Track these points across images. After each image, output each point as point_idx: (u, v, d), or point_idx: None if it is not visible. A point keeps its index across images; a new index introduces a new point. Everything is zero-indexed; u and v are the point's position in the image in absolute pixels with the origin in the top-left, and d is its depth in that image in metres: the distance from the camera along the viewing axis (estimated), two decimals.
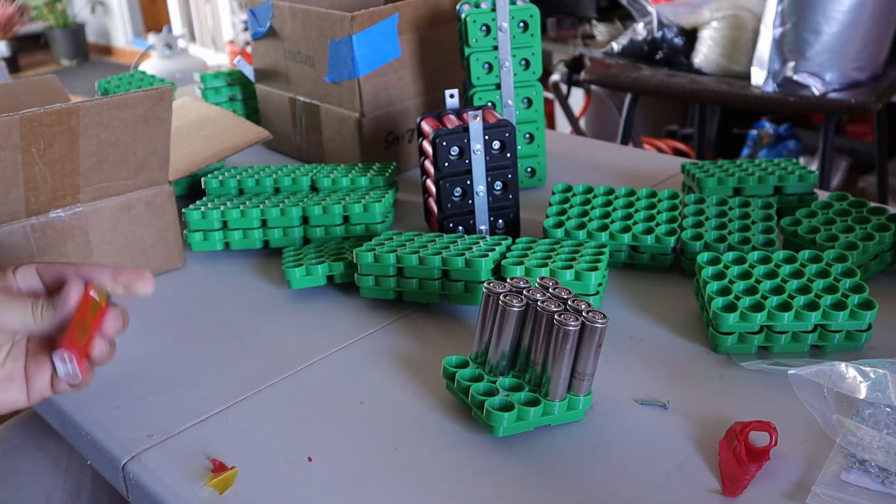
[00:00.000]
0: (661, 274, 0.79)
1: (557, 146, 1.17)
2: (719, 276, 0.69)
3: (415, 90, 1.08)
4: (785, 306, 0.65)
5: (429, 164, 0.86)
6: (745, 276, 0.69)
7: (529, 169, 1.01)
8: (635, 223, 0.81)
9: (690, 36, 2.12)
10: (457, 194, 0.83)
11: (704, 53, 2.05)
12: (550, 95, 2.78)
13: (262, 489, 0.55)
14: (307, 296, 0.79)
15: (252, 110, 1.25)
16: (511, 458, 0.56)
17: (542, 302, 0.57)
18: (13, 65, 5.77)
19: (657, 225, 0.80)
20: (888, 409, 0.56)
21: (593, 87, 2.58)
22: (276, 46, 1.13)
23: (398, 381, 0.65)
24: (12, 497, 0.81)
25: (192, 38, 5.81)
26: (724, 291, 0.67)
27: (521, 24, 0.94)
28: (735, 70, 2.01)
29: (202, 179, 0.95)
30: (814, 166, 2.26)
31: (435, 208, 0.85)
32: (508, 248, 0.77)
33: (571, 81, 2.64)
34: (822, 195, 0.86)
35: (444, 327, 0.73)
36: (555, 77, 2.70)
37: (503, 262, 0.73)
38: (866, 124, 2.76)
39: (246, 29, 4.29)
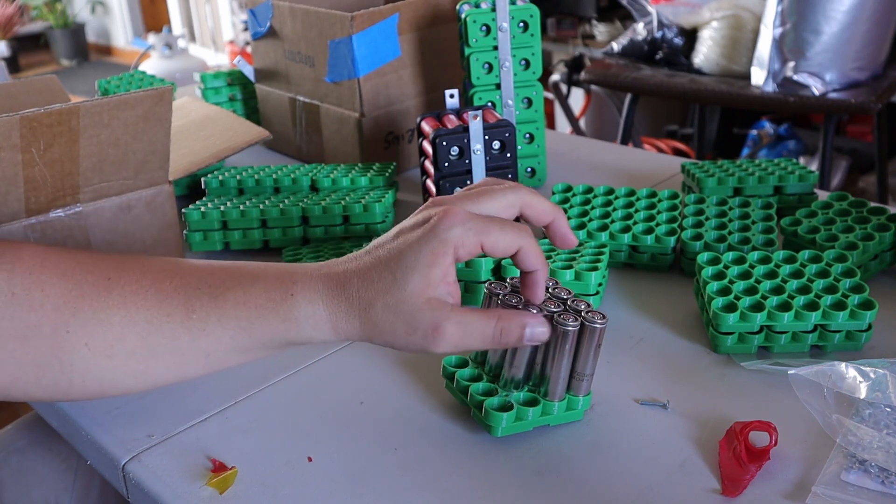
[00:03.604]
0: (661, 274, 0.79)
1: (557, 146, 1.17)
2: (719, 276, 0.69)
3: (415, 90, 1.08)
4: (785, 306, 0.65)
5: (429, 164, 0.86)
6: (745, 276, 0.69)
7: (529, 169, 1.01)
8: (635, 223, 0.81)
9: (690, 36, 2.12)
10: None
11: (704, 53, 2.05)
12: (550, 95, 2.78)
13: (262, 489, 0.55)
14: None
15: (252, 110, 1.25)
16: (510, 459, 0.56)
17: (542, 302, 0.57)
18: (13, 65, 5.78)
19: (657, 225, 0.80)
20: (888, 409, 0.56)
21: (593, 87, 2.58)
22: (276, 46, 1.13)
23: (398, 381, 0.65)
24: (22, 497, 0.81)
25: (192, 38, 5.81)
26: (724, 291, 0.67)
27: (521, 24, 0.94)
28: (735, 70, 2.01)
29: (202, 179, 0.95)
30: (814, 166, 2.26)
31: None
32: None
33: (571, 81, 2.65)
34: (822, 195, 0.86)
35: None
36: (555, 77, 2.71)
37: (503, 262, 0.73)
38: (866, 124, 2.76)
39: (246, 29, 4.29)
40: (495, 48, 0.94)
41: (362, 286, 0.52)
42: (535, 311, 0.55)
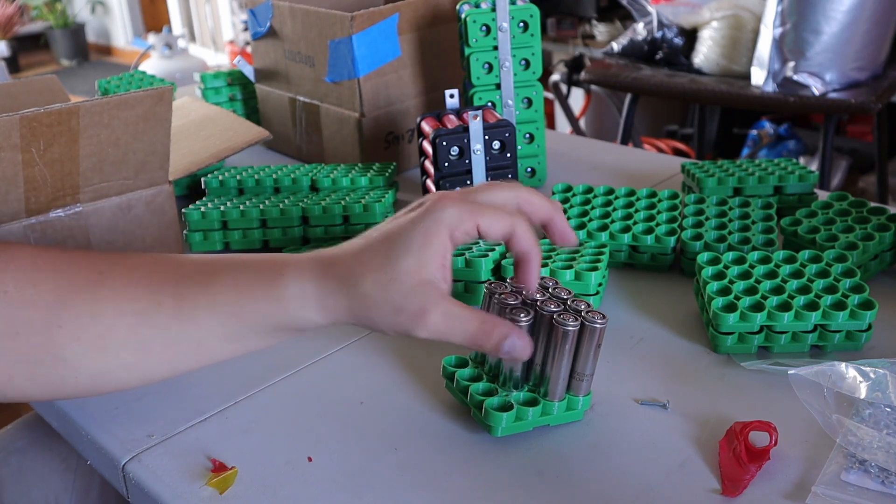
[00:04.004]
0: (661, 274, 0.79)
1: (557, 146, 1.17)
2: (719, 276, 0.69)
3: (415, 90, 1.08)
4: (785, 306, 0.65)
5: (429, 164, 0.86)
6: (745, 276, 0.69)
7: (529, 169, 1.01)
8: (635, 223, 0.81)
9: (690, 36, 2.12)
10: None
11: (704, 53, 2.05)
12: (550, 95, 2.78)
13: (262, 489, 0.55)
14: None
15: (252, 110, 1.25)
16: (510, 459, 0.56)
17: (542, 302, 0.57)
18: (13, 65, 5.78)
19: (657, 225, 0.80)
20: (888, 409, 0.56)
21: (593, 87, 2.58)
22: (276, 46, 1.13)
23: (398, 381, 0.65)
24: (22, 497, 0.81)
25: (192, 38, 5.81)
26: (724, 291, 0.67)
27: (521, 24, 0.94)
28: (735, 70, 2.01)
29: (202, 179, 0.95)
30: (814, 166, 2.26)
31: None
32: None
33: (571, 81, 2.65)
34: (822, 195, 0.86)
35: None
36: (555, 77, 2.71)
37: (503, 262, 0.73)
38: (866, 124, 2.76)
39: (246, 29, 4.29)
40: (495, 48, 0.94)
41: (353, 265, 0.52)
42: (529, 313, 0.55)
